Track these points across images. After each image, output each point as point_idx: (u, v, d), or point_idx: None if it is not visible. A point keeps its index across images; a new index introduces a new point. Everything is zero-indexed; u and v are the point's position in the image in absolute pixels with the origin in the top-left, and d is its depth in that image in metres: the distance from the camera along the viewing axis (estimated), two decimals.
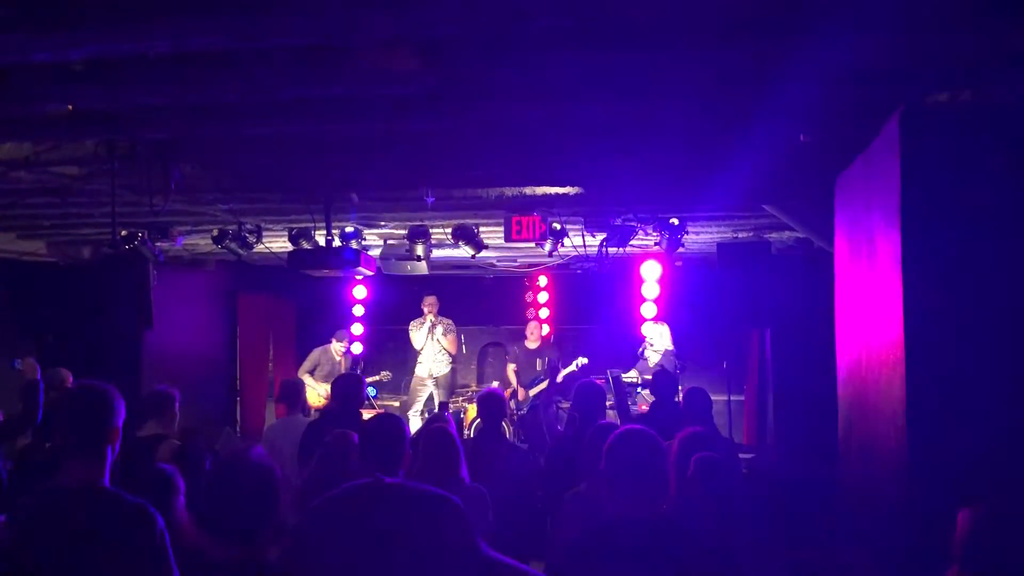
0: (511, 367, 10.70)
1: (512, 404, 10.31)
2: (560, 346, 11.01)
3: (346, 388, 5.74)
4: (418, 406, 10.64)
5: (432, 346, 10.69)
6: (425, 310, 10.65)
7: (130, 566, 2.67)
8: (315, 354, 10.66)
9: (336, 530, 2.90)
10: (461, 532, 2.84)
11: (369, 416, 4.30)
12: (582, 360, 10.28)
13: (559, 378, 10.27)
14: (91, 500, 2.75)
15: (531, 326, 10.92)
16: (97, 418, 2.82)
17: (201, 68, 3.89)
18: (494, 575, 2.79)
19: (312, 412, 10.15)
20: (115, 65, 3.89)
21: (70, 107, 4.37)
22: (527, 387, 10.39)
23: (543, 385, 10.31)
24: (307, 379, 10.43)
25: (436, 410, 9.88)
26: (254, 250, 8.23)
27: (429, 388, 10.70)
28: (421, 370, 10.78)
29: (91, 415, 2.83)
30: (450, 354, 10.78)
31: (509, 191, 6.59)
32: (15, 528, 2.73)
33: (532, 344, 10.75)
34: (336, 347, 10.61)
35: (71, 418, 2.84)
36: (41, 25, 3.35)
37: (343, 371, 10.36)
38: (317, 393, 10.37)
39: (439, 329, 10.65)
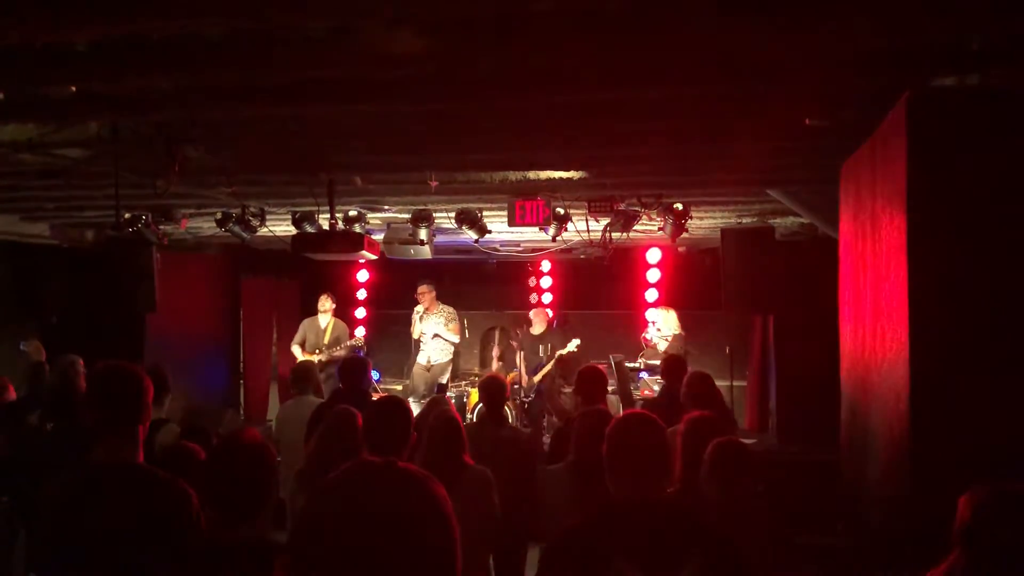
0: (520, 354, 10.69)
1: (521, 393, 10.35)
2: (563, 332, 11.00)
3: (352, 370, 5.77)
4: (419, 392, 10.62)
5: (429, 333, 10.62)
6: (418, 299, 10.60)
7: (166, 541, 2.71)
8: (303, 326, 10.65)
9: (327, 513, 3.00)
10: (440, 507, 2.95)
11: (376, 399, 4.32)
12: (576, 341, 10.32)
13: (555, 360, 10.29)
14: (128, 476, 2.82)
15: (535, 312, 10.89)
16: (132, 398, 2.90)
17: (204, 50, 3.88)
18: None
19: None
20: (118, 47, 3.88)
21: (73, 89, 4.36)
22: (531, 374, 10.40)
23: (546, 370, 10.32)
24: (295, 350, 10.42)
25: (436, 392, 9.87)
26: (258, 233, 8.23)
27: (425, 376, 10.64)
28: (421, 357, 10.74)
29: (126, 395, 2.89)
30: (452, 344, 10.69)
31: (513, 175, 6.58)
32: (54, 504, 2.77)
33: (537, 330, 10.73)
34: (321, 312, 10.47)
35: (106, 398, 2.89)
36: (45, 6, 3.34)
37: (326, 341, 10.34)
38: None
39: (434, 319, 10.58)
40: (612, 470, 2.72)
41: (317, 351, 10.34)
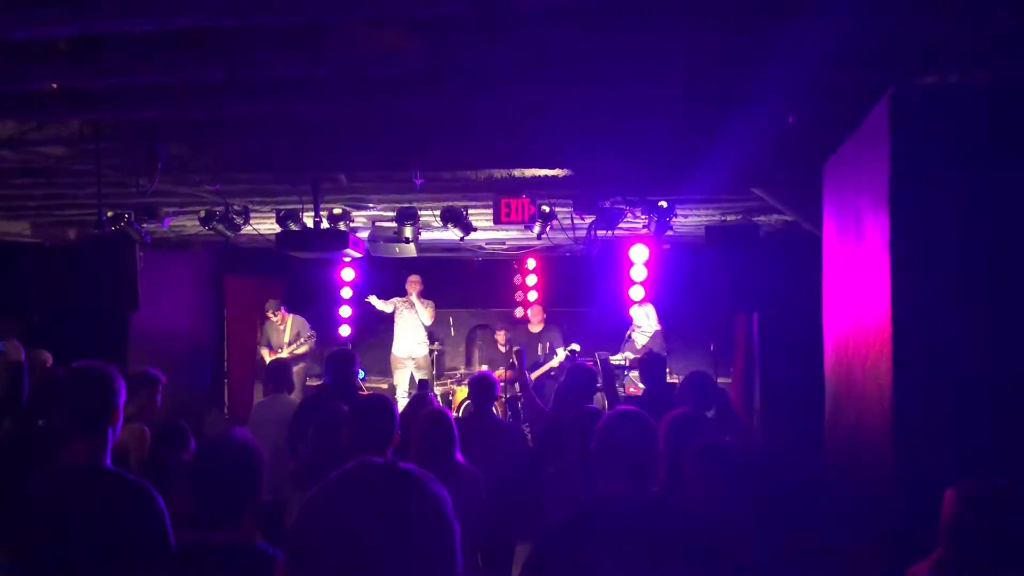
0: (516, 351, 10.69)
1: (516, 387, 10.34)
2: (561, 330, 11.01)
3: (338, 364, 5.75)
4: (403, 387, 10.63)
5: (413, 325, 10.66)
6: (408, 288, 10.65)
7: (132, 544, 2.69)
8: (265, 328, 10.73)
9: (329, 514, 3.00)
10: (440, 508, 2.96)
11: (362, 396, 4.31)
12: (575, 347, 10.35)
13: (553, 364, 10.30)
14: (93, 479, 2.78)
15: (534, 310, 10.93)
16: (99, 398, 2.84)
17: (187, 47, 3.86)
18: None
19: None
20: (100, 43, 3.85)
21: (54, 86, 4.33)
22: (529, 371, 10.43)
23: (543, 369, 10.34)
24: (263, 352, 10.54)
25: (418, 390, 9.88)
26: (241, 232, 8.19)
27: (409, 369, 10.69)
28: (399, 350, 10.75)
29: (93, 395, 2.84)
30: (425, 328, 10.74)
31: (498, 173, 6.57)
32: (22, 508, 2.74)
33: (535, 328, 10.76)
34: (273, 318, 10.55)
35: (73, 398, 2.85)
36: (25, 1, 3.31)
37: (286, 340, 10.40)
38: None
39: (420, 306, 10.61)
40: (600, 465, 2.72)
41: (279, 349, 10.37)
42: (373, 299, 10.87)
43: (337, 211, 7.70)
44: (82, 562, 2.67)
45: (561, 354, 10.34)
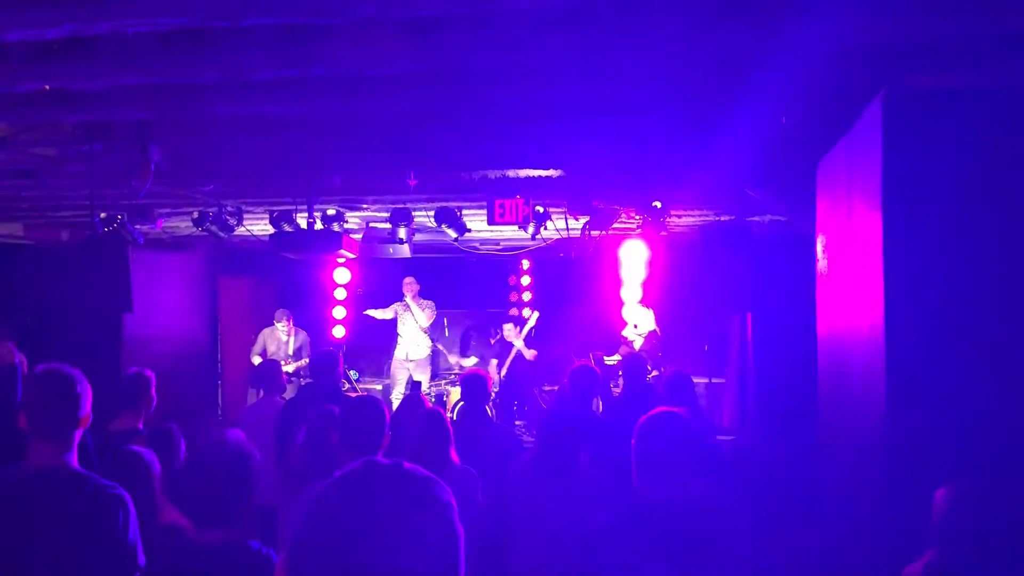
0: (493, 362, 10.74)
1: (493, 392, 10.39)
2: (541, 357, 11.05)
3: (321, 364, 5.75)
4: (400, 388, 10.64)
5: (412, 329, 10.67)
6: (404, 291, 10.65)
7: (96, 545, 2.67)
8: (262, 336, 10.41)
9: (333, 515, 3.00)
10: (446, 512, 2.97)
11: (351, 398, 4.30)
12: (536, 314, 10.47)
13: (521, 335, 10.38)
14: (57, 481, 2.76)
15: (507, 327, 10.96)
16: (65, 403, 2.82)
17: (180, 48, 3.85)
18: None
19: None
20: (92, 44, 3.84)
21: (46, 87, 4.31)
22: (499, 369, 10.50)
23: (512, 354, 10.43)
24: (256, 360, 10.14)
25: (410, 390, 9.89)
26: (235, 233, 8.18)
27: (408, 371, 10.70)
28: (400, 352, 10.78)
29: (58, 400, 2.82)
30: (423, 330, 10.73)
31: (492, 173, 6.57)
32: None
33: (509, 335, 10.80)
34: (280, 328, 10.24)
35: (38, 401, 2.83)
36: (17, 1, 3.30)
37: (290, 352, 10.15)
38: None
39: (414, 307, 10.61)
40: (642, 469, 2.72)
41: (284, 363, 10.01)
42: (372, 311, 10.88)
43: (331, 212, 7.70)
44: (40, 563, 2.65)
45: (532, 319, 10.48)
